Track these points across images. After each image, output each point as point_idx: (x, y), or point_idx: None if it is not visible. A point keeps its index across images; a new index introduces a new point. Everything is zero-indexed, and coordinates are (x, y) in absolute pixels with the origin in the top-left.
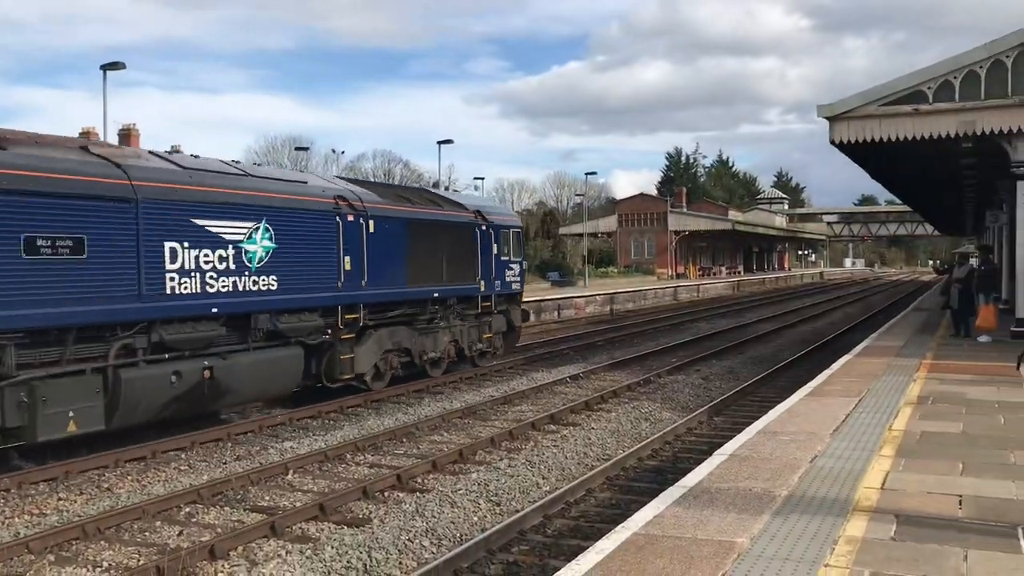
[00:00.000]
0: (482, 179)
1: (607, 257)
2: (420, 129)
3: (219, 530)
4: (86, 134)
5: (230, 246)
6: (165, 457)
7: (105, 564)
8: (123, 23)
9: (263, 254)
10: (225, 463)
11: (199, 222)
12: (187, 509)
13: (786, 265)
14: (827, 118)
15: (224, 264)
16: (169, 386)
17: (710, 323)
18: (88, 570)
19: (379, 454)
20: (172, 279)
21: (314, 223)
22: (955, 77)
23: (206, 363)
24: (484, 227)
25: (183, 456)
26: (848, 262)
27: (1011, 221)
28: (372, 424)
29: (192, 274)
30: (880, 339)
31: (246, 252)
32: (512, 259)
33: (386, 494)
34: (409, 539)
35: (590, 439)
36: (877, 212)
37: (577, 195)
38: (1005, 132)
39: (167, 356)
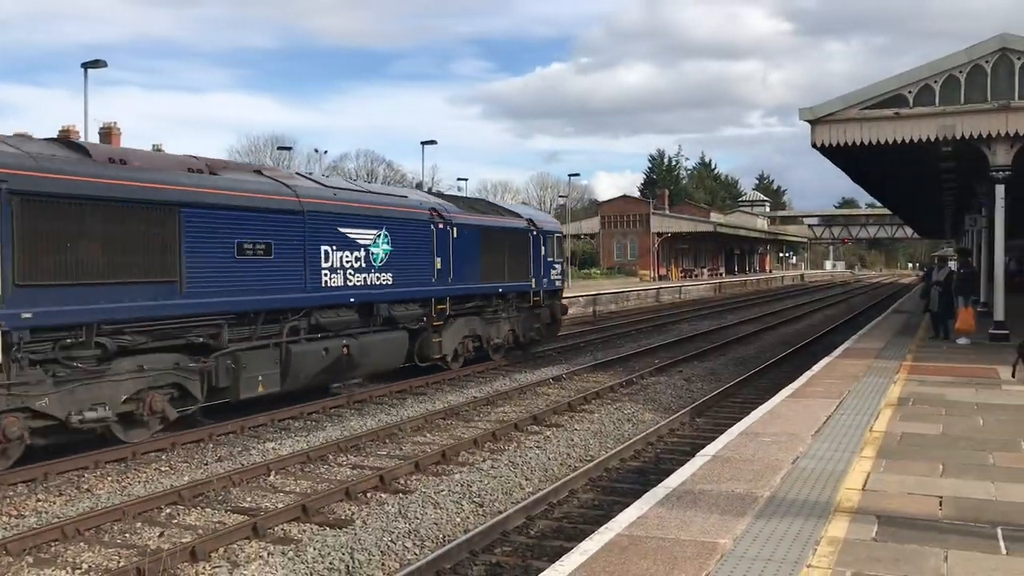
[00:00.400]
0: (465, 180)
1: (590, 258)
2: (403, 129)
3: (200, 531)
4: (66, 132)
5: (362, 249)
6: (146, 458)
7: (85, 566)
8: (105, 21)
9: (383, 255)
10: (206, 464)
11: (342, 230)
12: (168, 510)
13: (767, 267)
14: (809, 121)
15: (358, 263)
16: (321, 358)
17: (692, 324)
18: (67, 572)
19: (361, 455)
20: (325, 275)
21: (417, 230)
22: (935, 81)
23: (344, 341)
24: (535, 233)
25: (164, 457)
26: (829, 264)
27: (990, 224)
28: (355, 425)
29: (337, 271)
30: (861, 341)
31: (372, 254)
32: (555, 260)
33: (369, 495)
34: (392, 540)
35: (573, 440)
36: (857, 215)
37: (560, 196)
38: (984, 136)
39: (319, 336)
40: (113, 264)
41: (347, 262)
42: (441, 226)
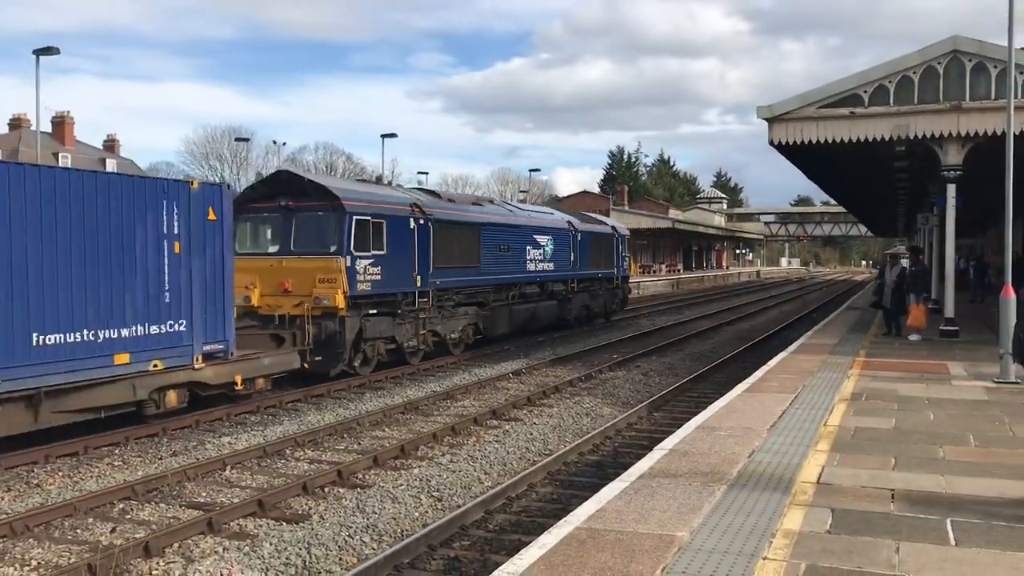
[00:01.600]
0: (426, 174)
1: None
2: (363, 122)
3: (154, 527)
4: (17, 120)
5: (541, 248)
6: (98, 453)
7: (34, 562)
8: (57, 8)
9: (550, 252)
10: (160, 459)
11: (535, 236)
12: (121, 506)
13: (724, 264)
14: (766, 119)
15: (540, 257)
16: (525, 314)
17: (650, 320)
18: (16, 569)
19: (319, 450)
20: (528, 264)
21: (562, 236)
22: (890, 82)
23: (532, 305)
24: (616, 236)
25: (117, 452)
26: (784, 261)
27: (941, 223)
28: (312, 419)
29: (531, 262)
30: (815, 337)
31: (545, 251)
32: (624, 255)
33: (326, 490)
34: (349, 535)
35: (532, 434)
36: (813, 212)
37: (521, 191)
38: (936, 136)
39: (523, 301)
40: (459, 257)
41: (536, 256)
42: (574, 233)
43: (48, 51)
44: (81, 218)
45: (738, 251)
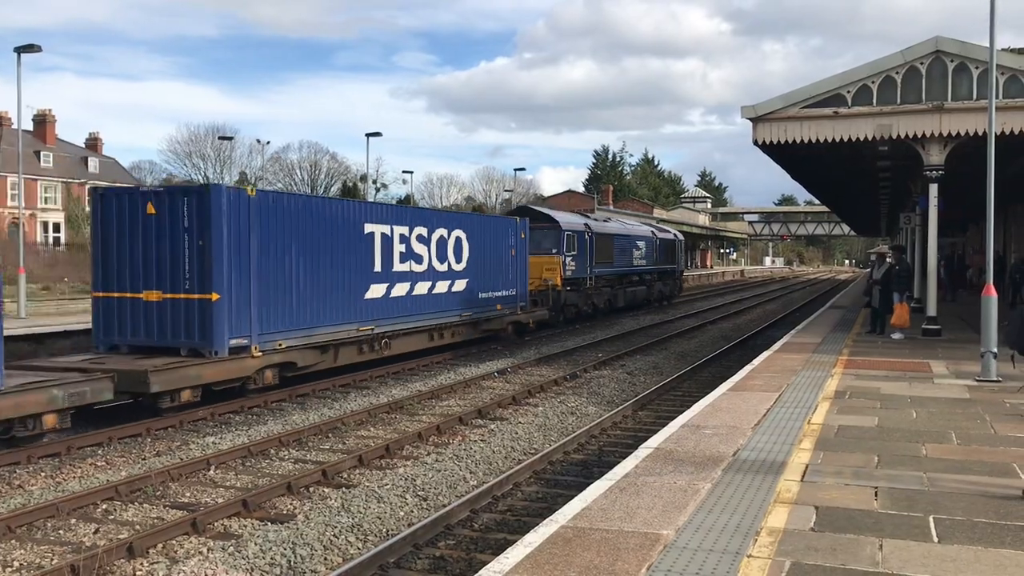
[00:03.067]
0: (411, 173)
1: None
2: (347, 121)
3: (138, 527)
4: None
5: (642, 249)
6: (81, 453)
7: (16, 564)
8: (37, 4)
9: (646, 253)
10: (144, 459)
11: (638, 243)
12: (104, 506)
13: (709, 263)
14: (751, 119)
15: (639, 256)
16: (631, 295)
17: (635, 319)
18: None
19: (304, 449)
20: (634, 260)
21: (650, 241)
22: (873, 82)
23: (634, 288)
24: (677, 241)
25: (100, 452)
26: (768, 260)
27: (923, 223)
28: (296, 419)
29: (636, 258)
30: (799, 335)
31: (644, 252)
32: (680, 255)
33: (311, 490)
34: (334, 535)
35: (517, 433)
36: (796, 212)
37: (506, 191)
38: (919, 136)
39: (633, 285)
40: (604, 257)
41: (636, 256)
42: (654, 239)
43: (30, 48)
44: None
45: (722, 250)
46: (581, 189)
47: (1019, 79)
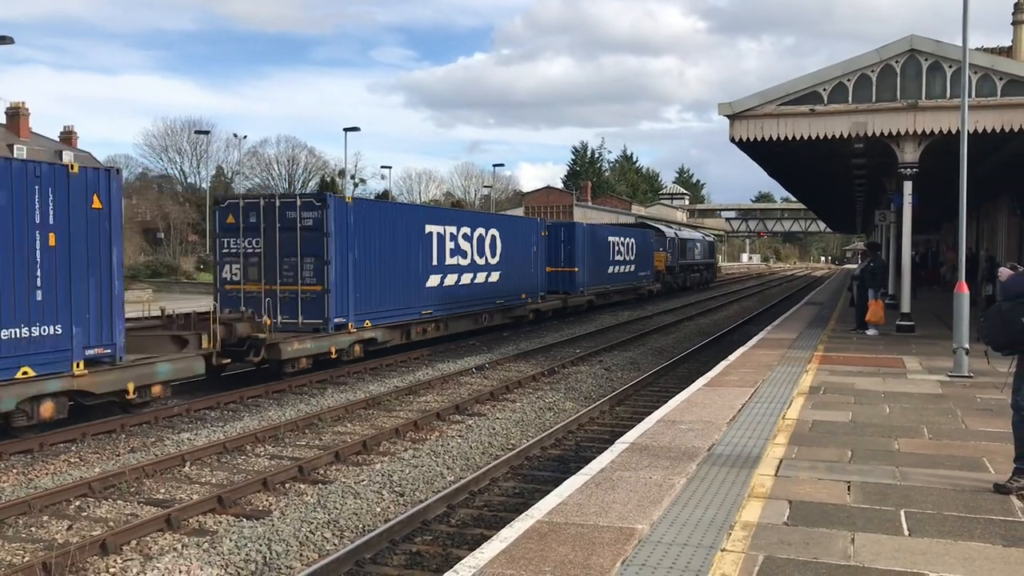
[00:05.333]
0: (389, 168)
1: None
2: (325, 116)
3: (111, 524)
4: None
5: (696, 249)
6: (54, 449)
7: None
8: None
9: (697, 251)
10: (118, 455)
11: (696, 243)
12: (77, 503)
13: None
14: (728, 116)
15: (695, 252)
16: (690, 280)
17: (613, 315)
18: None
19: (280, 445)
20: (694, 255)
21: (696, 244)
22: (848, 80)
23: (693, 275)
24: (714, 242)
25: (73, 448)
26: (745, 257)
27: (898, 220)
28: (273, 415)
29: (693, 254)
30: (775, 331)
31: (696, 250)
32: (715, 252)
33: (287, 486)
34: (310, 531)
35: (495, 429)
36: (773, 209)
37: (485, 186)
38: (894, 134)
39: (689, 272)
40: (680, 252)
41: (694, 252)
42: (702, 241)
43: (3, 40)
44: None
45: None
46: (560, 185)
47: (991, 78)
